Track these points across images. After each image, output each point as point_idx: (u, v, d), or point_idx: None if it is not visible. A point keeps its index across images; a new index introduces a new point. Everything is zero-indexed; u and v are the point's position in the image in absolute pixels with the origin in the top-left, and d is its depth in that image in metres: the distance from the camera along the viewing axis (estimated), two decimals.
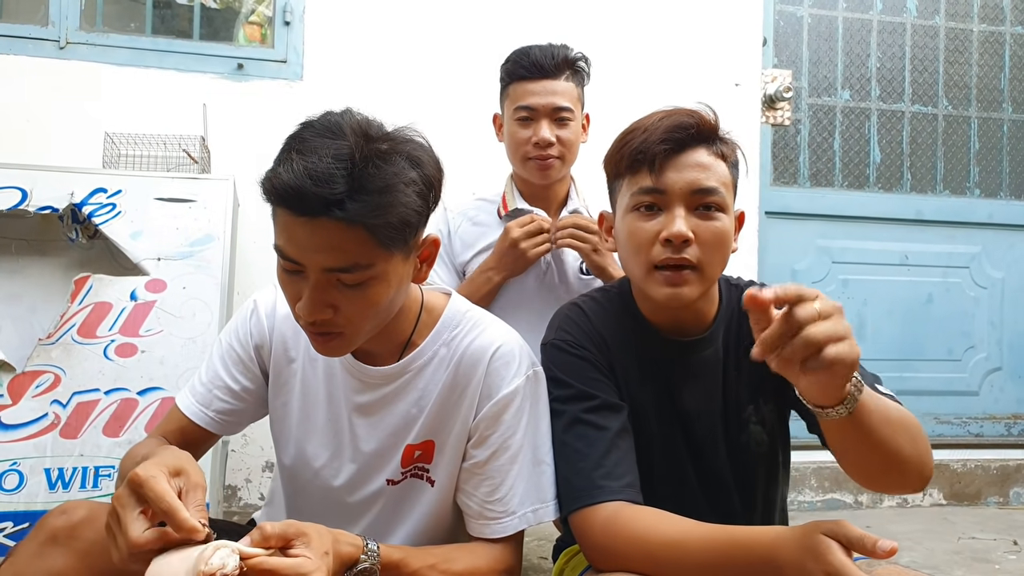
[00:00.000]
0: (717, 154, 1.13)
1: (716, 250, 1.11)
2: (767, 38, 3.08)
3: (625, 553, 1.01)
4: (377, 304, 0.99)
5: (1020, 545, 2.48)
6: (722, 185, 1.11)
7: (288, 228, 0.93)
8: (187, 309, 2.05)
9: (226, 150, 2.47)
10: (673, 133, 1.11)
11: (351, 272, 0.94)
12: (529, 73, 1.77)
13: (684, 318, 1.19)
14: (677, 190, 1.10)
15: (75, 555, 0.93)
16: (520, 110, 1.77)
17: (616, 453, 1.10)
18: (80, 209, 2.06)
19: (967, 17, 3.30)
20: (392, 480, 1.15)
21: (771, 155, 3.12)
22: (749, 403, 1.21)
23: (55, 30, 2.51)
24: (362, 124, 0.96)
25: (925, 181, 3.27)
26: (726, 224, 1.12)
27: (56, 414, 1.91)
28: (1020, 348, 3.31)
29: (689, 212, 1.10)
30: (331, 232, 0.91)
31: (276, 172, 0.91)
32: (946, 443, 3.19)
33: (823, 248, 3.16)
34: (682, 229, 1.08)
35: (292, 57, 2.65)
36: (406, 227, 0.95)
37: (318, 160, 0.89)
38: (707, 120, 1.14)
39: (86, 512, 0.97)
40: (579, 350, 1.18)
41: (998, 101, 3.33)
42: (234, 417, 1.20)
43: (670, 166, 1.11)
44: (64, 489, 1.87)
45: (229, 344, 1.20)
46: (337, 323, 0.98)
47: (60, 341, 1.96)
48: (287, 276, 0.98)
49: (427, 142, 1.03)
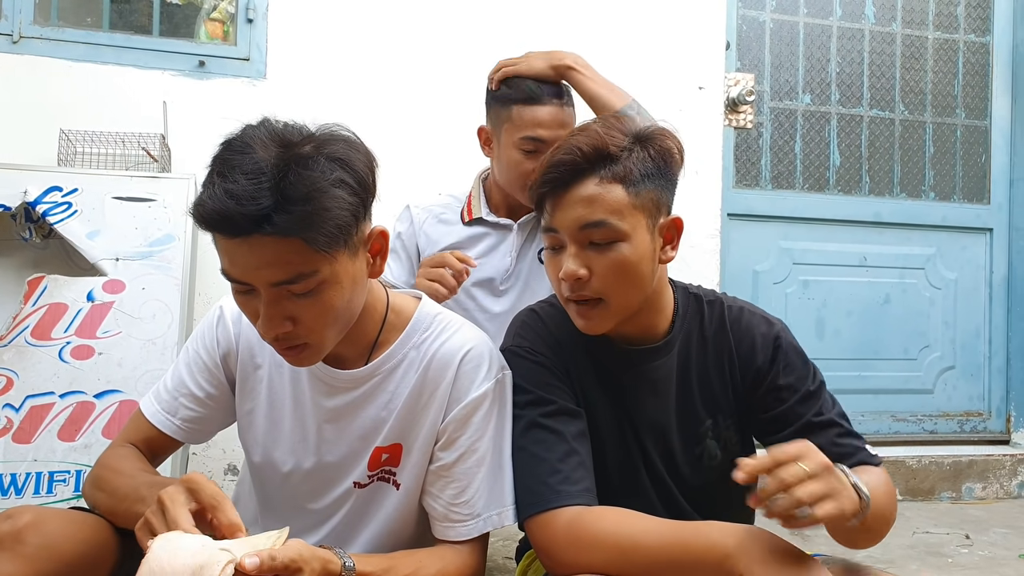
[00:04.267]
0: (608, 179, 1.07)
1: (616, 281, 1.09)
2: (730, 42, 3.12)
3: (591, 555, 1.01)
4: (334, 308, 0.98)
5: (972, 539, 2.55)
6: (612, 214, 1.06)
7: (227, 251, 0.93)
8: (147, 310, 2.01)
9: (187, 148, 2.43)
10: (550, 173, 1.09)
11: (297, 283, 0.94)
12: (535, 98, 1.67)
13: (628, 331, 1.18)
14: (565, 228, 1.09)
15: (22, 560, 0.91)
16: (527, 141, 1.66)
17: (574, 458, 1.10)
18: (34, 208, 2.01)
19: (923, 25, 3.38)
20: (359, 483, 1.14)
21: (733, 158, 3.17)
22: (708, 417, 1.22)
23: (8, 24, 2.44)
24: (280, 132, 0.95)
25: (883, 184, 3.35)
26: (623, 252, 1.08)
27: (8, 418, 1.86)
28: (972, 347, 3.40)
29: (582, 248, 1.08)
30: (267, 248, 0.90)
31: (201, 199, 0.91)
32: (902, 440, 3.27)
33: (784, 249, 3.22)
34: (570, 269, 1.08)
35: (255, 55, 2.61)
36: (342, 228, 0.95)
37: (238, 178, 0.88)
38: (589, 149, 1.08)
39: (32, 517, 0.95)
40: (536, 356, 1.18)
41: (952, 107, 3.42)
42: (200, 425, 1.18)
43: (558, 204, 1.09)
44: (17, 495, 1.83)
45: (196, 352, 1.18)
46: (299, 334, 0.98)
47: (13, 343, 1.91)
48: (241, 297, 0.98)
49: (355, 136, 1.01)
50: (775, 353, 1.19)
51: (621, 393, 1.20)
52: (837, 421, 1.16)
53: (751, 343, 1.20)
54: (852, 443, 1.15)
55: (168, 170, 2.29)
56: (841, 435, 1.15)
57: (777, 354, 1.19)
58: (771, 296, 3.18)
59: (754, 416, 1.22)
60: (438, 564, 1.08)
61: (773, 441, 1.18)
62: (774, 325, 1.23)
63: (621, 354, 1.20)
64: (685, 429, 1.21)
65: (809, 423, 1.15)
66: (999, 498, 3.15)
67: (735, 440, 1.24)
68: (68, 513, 1.01)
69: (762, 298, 3.16)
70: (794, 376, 1.18)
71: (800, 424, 1.15)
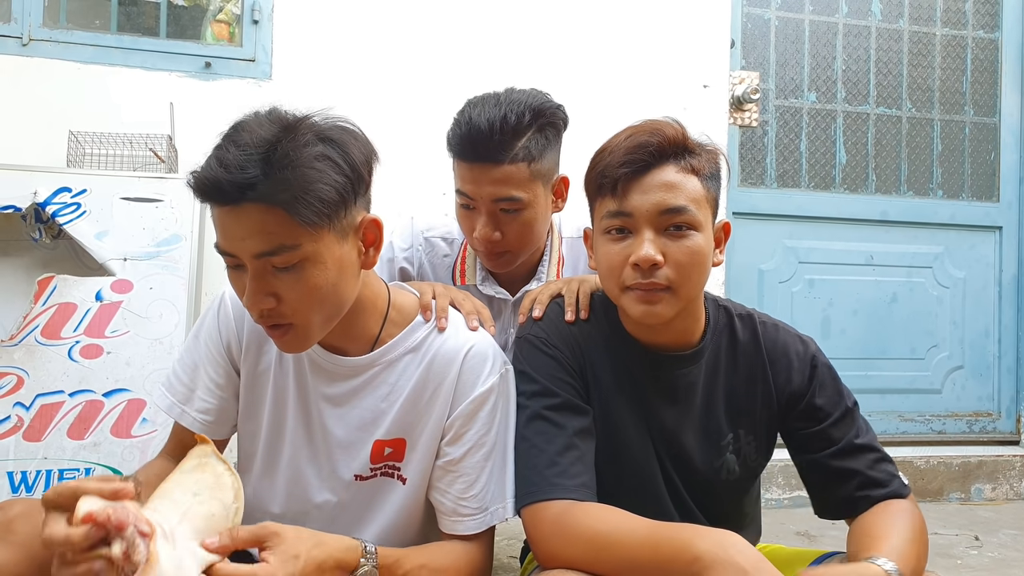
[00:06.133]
0: (687, 169, 1.08)
1: (689, 270, 1.08)
2: (735, 40, 3.12)
3: (572, 548, 1.02)
4: (318, 288, 0.99)
5: (982, 540, 2.53)
6: (691, 202, 1.07)
7: (219, 222, 0.97)
8: (154, 310, 2.03)
9: (193, 149, 2.42)
10: (632, 154, 1.08)
11: (278, 254, 0.96)
12: (463, 156, 1.40)
13: (664, 335, 1.17)
14: (643, 212, 1.07)
15: (13, 547, 0.93)
16: (459, 194, 1.45)
17: (573, 452, 1.10)
18: (44, 208, 2.03)
19: (930, 21, 3.37)
20: (360, 476, 1.16)
21: (738, 156, 3.16)
22: (729, 431, 1.21)
23: (17, 26, 2.47)
24: (281, 115, 1.00)
25: (889, 182, 3.34)
26: (698, 242, 1.08)
27: (19, 416, 1.88)
28: (981, 347, 3.38)
29: (658, 233, 1.07)
30: (252, 217, 0.94)
31: (195, 170, 0.96)
32: (909, 440, 3.25)
33: (790, 248, 3.21)
34: (649, 253, 1.06)
35: (261, 56, 2.63)
36: (325, 203, 0.97)
37: (232, 149, 0.93)
38: (673, 135, 1.09)
39: (22, 508, 0.98)
40: (551, 349, 1.18)
41: (960, 104, 3.40)
42: (215, 416, 1.18)
43: (634, 188, 1.08)
44: (27, 492, 1.85)
45: (205, 343, 1.19)
46: (283, 313, 0.99)
47: (23, 342, 1.93)
48: (232, 273, 1.01)
49: (356, 127, 1.05)
50: (812, 373, 1.20)
51: (641, 397, 1.19)
52: (873, 446, 1.17)
53: (787, 363, 1.20)
54: (887, 470, 1.16)
55: (175, 171, 2.31)
56: (877, 461, 1.16)
57: (814, 374, 1.20)
58: (776, 295, 3.17)
59: (791, 435, 1.22)
60: (450, 557, 1.10)
61: (810, 460, 1.19)
62: (809, 345, 1.23)
63: (648, 358, 1.19)
64: (705, 441, 1.21)
65: (845, 447, 1.16)
66: (1009, 499, 3.13)
67: (754, 456, 1.23)
68: None
69: (767, 297, 3.15)
70: (829, 397, 1.19)
71: (838, 447, 1.16)
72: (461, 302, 1.26)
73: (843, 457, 1.15)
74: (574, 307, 1.23)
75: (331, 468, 1.16)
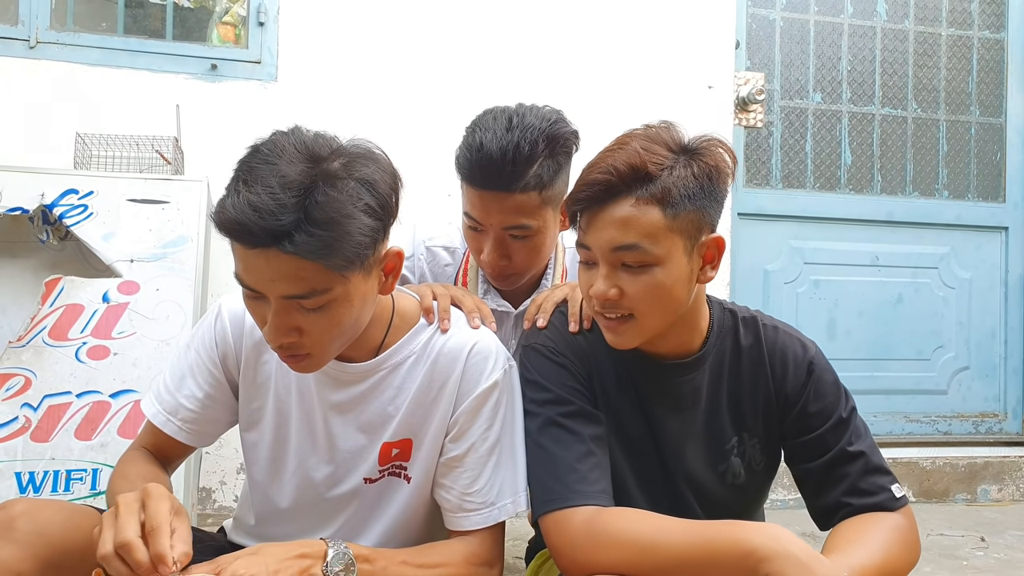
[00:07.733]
0: (646, 200, 1.02)
1: (649, 303, 1.06)
2: (740, 41, 3.12)
3: (609, 554, 1.00)
4: (341, 324, 0.99)
5: (987, 541, 2.53)
6: (646, 238, 1.02)
7: (243, 259, 0.94)
8: (160, 311, 2.04)
9: (200, 151, 2.45)
10: (585, 191, 1.06)
11: (310, 298, 0.95)
12: (472, 183, 1.37)
13: (662, 344, 1.16)
14: (598, 248, 1.06)
15: (16, 544, 0.94)
16: (467, 216, 1.42)
17: (592, 459, 1.09)
18: (51, 210, 2.04)
19: (936, 21, 3.36)
20: (369, 479, 1.16)
21: (744, 157, 3.16)
22: (734, 435, 1.21)
23: (25, 29, 2.48)
24: (310, 144, 0.94)
25: (895, 183, 3.33)
26: (656, 277, 1.04)
27: (27, 417, 1.89)
28: (987, 348, 3.37)
29: (613, 269, 1.06)
30: (284, 263, 0.91)
31: (223, 206, 0.91)
32: (915, 441, 3.24)
33: (795, 249, 3.20)
34: (600, 290, 1.05)
35: (266, 58, 2.64)
36: (360, 252, 0.95)
37: (262, 191, 0.88)
38: (626, 170, 1.03)
39: (25, 506, 0.98)
40: (559, 357, 1.17)
41: (966, 104, 3.40)
42: (200, 426, 1.18)
43: (591, 222, 1.06)
44: (35, 492, 1.86)
45: (196, 352, 1.18)
46: (304, 344, 0.99)
47: (31, 343, 1.94)
48: (251, 302, 0.99)
49: (383, 154, 1.01)
50: (807, 379, 1.18)
51: (645, 404, 1.19)
52: (866, 454, 1.15)
53: (784, 365, 1.19)
54: (876, 482, 1.13)
55: (181, 173, 2.32)
56: (868, 471, 1.14)
57: (809, 380, 1.18)
58: (782, 296, 3.17)
59: (784, 440, 1.22)
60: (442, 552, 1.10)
61: (803, 469, 1.18)
62: (808, 349, 1.21)
63: (650, 366, 1.18)
64: (710, 445, 1.20)
65: (837, 455, 1.15)
66: (1015, 500, 3.12)
67: (759, 460, 1.22)
68: (61, 503, 1.03)
69: (773, 298, 3.15)
70: (825, 403, 1.17)
71: (829, 456, 1.15)
72: (461, 299, 1.26)
73: (833, 465, 1.14)
74: (577, 317, 1.23)
75: (340, 473, 1.16)
